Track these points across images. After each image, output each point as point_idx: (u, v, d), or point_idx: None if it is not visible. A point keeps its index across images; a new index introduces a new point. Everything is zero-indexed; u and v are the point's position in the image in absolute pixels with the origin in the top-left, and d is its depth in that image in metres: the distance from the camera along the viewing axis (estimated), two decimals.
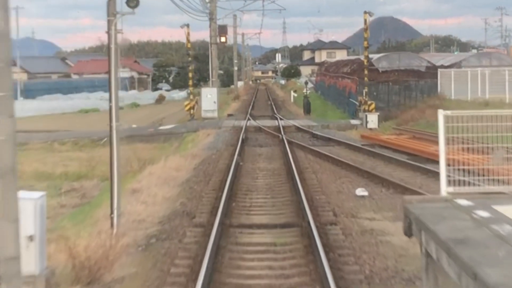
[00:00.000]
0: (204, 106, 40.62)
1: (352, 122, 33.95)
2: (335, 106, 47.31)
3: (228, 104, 60.93)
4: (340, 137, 28.33)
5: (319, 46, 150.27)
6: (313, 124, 34.00)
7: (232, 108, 53.09)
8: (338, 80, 47.26)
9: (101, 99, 77.34)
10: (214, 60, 42.30)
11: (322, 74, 65.05)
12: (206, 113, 40.65)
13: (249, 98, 74.67)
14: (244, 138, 27.94)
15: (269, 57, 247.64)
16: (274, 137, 28.98)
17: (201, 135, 31.25)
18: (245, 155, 23.64)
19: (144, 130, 34.88)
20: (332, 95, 50.88)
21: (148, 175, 20.23)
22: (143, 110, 57.22)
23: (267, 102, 64.76)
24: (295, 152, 23.75)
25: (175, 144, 31.78)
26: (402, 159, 21.26)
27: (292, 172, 18.46)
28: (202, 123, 36.47)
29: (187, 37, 38.19)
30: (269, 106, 55.65)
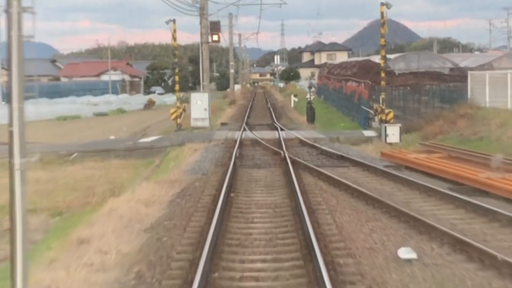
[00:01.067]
0: (194, 114, 35.54)
1: (366, 134, 28.85)
2: (342, 113, 42.27)
3: (223, 110, 55.86)
4: (354, 155, 23.23)
5: (318, 48, 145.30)
6: (320, 136, 28.90)
7: (226, 115, 48.00)
8: (345, 84, 42.21)
9: (87, 104, 72.29)
10: (205, 61, 37.21)
11: (325, 77, 59.96)
12: (196, 122, 35.58)
13: (246, 103, 69.61)
14: (238, 156, 22.83)
15: (267, 60, 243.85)
16: (275, 154, 23.87)
17: (187, 151, 26.14)
18: (238, 181, 18.52)
19: (122, 143, 29.74)
20: (338, 100, 45.84)
21: (108, 213, 15.10)
22: (129, 117, 52.19)
23: (266, 107, 59.67)
24: (301, 177, 18.68)
25: (156, 161, 26.71)
26: (443, 189, 16.14)
27: (300, 213, 13.40)
28: (190, 135, 31.38)
29: (173, 35, 33.10)
30: (268, 113, 50.56)
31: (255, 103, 69.82)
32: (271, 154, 24.18)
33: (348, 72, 44.19)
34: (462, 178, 17.15)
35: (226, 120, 41.77)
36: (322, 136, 28.76)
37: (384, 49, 28.14)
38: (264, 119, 43.05)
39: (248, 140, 28.25)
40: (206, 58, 37.35)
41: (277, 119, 41.28)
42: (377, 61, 39.02)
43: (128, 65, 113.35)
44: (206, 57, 37.34)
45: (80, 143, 30.78)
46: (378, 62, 37.09)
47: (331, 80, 53.67)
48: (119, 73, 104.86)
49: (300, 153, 24.13)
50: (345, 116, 40.53)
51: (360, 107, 35.00)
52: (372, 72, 33.98)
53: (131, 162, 27.02)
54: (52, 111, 61.65)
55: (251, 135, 29.78)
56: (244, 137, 28.94)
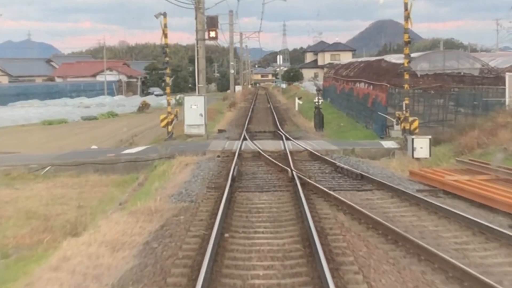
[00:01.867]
0: (188, 120, 31.57)
1: (385, 146, 24.85)
2: (353, 119, 38.27)
3: (222, 113, 51.90)
4: (377, 173, 19.23)
5: (322, 48, 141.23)
6: (332, 147, 24.90)
7: (225, 120, 44.00)
8: (356, 86, 38.21)
9: (78, 106, 68.36)
10: (201, 60, 33.24)
11: (332, 78, 55.92)
12: (190, 129, 31.61)
13: (247, 105, 65.63)
14: (235, 174, 18.82)
15: (268, 60, 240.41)
16: (280, 171, 19.85)
17: (177, 166, 22.15)
18: (235, 213, 14.54)
19: (104, 154, 25.74)
20: (347, 104, 41.85)
21: (57, 266, 11.17)
22: (119, 121, 48.17)
23: (268, 111, 55.65)
24: (315, 206, 14.71)
25: (140, 177, 22.75)
26: (505, 229, 12.16)
27: (321, 272, 9.45)
28: (182, 145, 27.39)
29: (163, 30, 29.13)
30: (271, 117, 46.57)
31: (257, 105, 65.84)
32: (275, 171, 20.18)
33: (359, 73, 40.22)
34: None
35: (225, 126, 37.79)
36: (335, 148, 24.76)
37: (409, 47, 24.02)
38: (267, 125, 39.08)
39: (248, 152, 24.25)
40: (202, 57, 33.38)
41: (281, 125, 37.30)
42: (393, 60, 34.95)
43: (125, 65, 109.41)
44: (203, 55, 33.36)
45: (57, 154, 26.78)
46: (395, 62, 33.06)
47: (339, 82, 49.69)
48: (115, 74, 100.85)
49: (311, 171, 20.13)
50: (356, 122, 36.54)
51: (375, 112, 31.04)
52: (389, 74, 30.03)
53: (111, 179, 23.08)
54: (40, 114, 57.67)
55: (252, 145, 25.79)
56: (244, 149, 24.94)
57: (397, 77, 30.45)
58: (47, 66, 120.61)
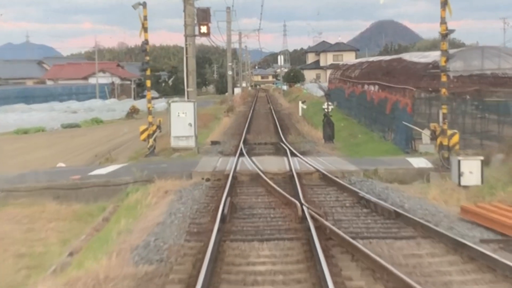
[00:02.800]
0: (175, 131, 26.75)
1: (415, 164, 20.00)
2: (367, 128, 33.45)
3: (218, 119, 47.07)
4: (415, 208, 14.40)
5: (324, 48, 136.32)
6: (349, 167, 20.06)
7: (221, 127, 39.17)
8: (370, 89, 33.39)
9: (65, 111, 63.55)
10: (190, 60, 28.41)
11: (339, 80, 51.08)
12: (177, 142, 26.79)
13: (246, 109, 60.80)
14: (226, 213, 13.94)
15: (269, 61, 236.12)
16: (286, 204, 15.00)
17: (153, 195, 17.33)
18: (222, 286, 9.72)
19: (68, 176, 20.90)
20: (359, 110, 37.01)
21: None
22: (103, 129, 43.19)
23: (269, 116, 50.81)
24: (341, 273, 9.90)
25: (108, 208, 17.94)
26: None
27: None
28: (164, 163, 22.54)
29: (142, 24, 24.33)
30: (272, 124, 41.74)
31: (257, 110, 60.97)
32: (280, 204, 15.34)
33: (372, 75, 35.43)
34: None
35: (219, 136, 32.98)
36: (353, 168, 19.91)
37: (447, 41, 19.13)
38: (268, 135, 34.26)
39: (245, 174, 19.40)
40: (192, 56, 28.57)
41: (284, 135, 32.48)
42: (414, 59, 30.10)
43: (119, 66, 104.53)
44: (192, 54, 28.56)
45: (12, 175, 21.96)
46: (418, 61, 28.21)
47: (347, 84, 44.89)
48: (108, 76, 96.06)
49: (327, 203, 15.30)
50: (371, 131, 31.72)
51: (396, 121, 26.26)
52: (413, 75, 25.25)
53: (73, 210, 18.28)
54: (21, 120, 52.82)
55: (251, 164, 20.94)
56: (240, 169, 20.10)
57: (421, 79, 25.68)
58: (39, 68, 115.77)
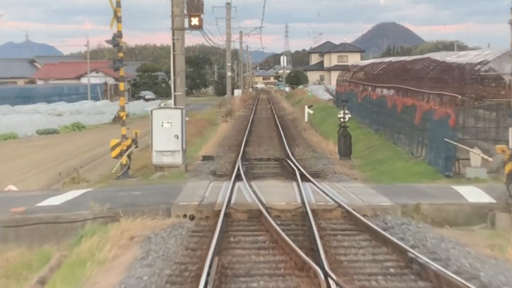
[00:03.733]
0: (157, 144, 21.78)
1: (468, 198, 14.99)
2: (388, 139, 28.42)
3: (215, 125, 42.12)
4: (497, 284, 9.46)
5: (328, 49, 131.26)
6: (380, 200, 15.02)
7: (217, 136, 34.19)
8: (391, 94, 28.38)
9: (50, 114, 58.52)
10: (178, 59, 23.41)
11: (349, 83, 46.07)
12: (161, 158, 21.83)
13: (246, 113, 55.80)
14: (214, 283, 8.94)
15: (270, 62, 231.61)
16: (302, 272, 9.96)
17: (112, 243, 12.30)
18: None
19: (10, 207, 15.86)
20: (377, 117, 31.98)
21: None
22: (82, 136, 38.03)
23: (272, 122, 45.82)
24: None
25: (53, 258, 12.93)
26: None
27: None
28: (138, 190, 17.48)
29: (115, 11, 19.34)
30: (276, 133, 36.72)
31: (258, 114, 55.93)
32: (292, 271, 10.32)
33: (392, 77, 30.44)
34: None
35: (214, 149, 27.98)
36: (385, 201, 14.88)
37: None
38: (271, 147, 29.25)
39: (242, 211, 14.38)
40: (180, 54, 23.60)
41: (290, 146, 27.49)
42: (448, 59, 25.06)
43: None
44: (181, 51, 23.59)
45: None
46: (459, 62, 23.19)
47: (360, 88, 39.91)
48: (101, 76, 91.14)
49: (362, 269, 10.30)
50: (394, 144, 26.71)
51: (428, 133, 21.31)
52: (456, 79, 20.30)
53: (7, 258, 13.32)
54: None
55: (250, 194, 15.93)
56: (236, 201, 15.08)
57: (461, 83, 20.73)
58: (31, 67, 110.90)
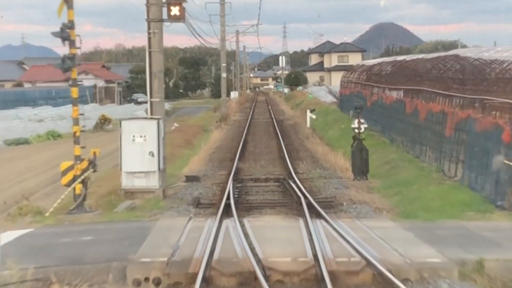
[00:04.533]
0: (127, 164, 17.34)
1: None
2: (406, 150, 23.92)
3: (207, 132, 37.78)
4: None
5: (328, 49, 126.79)
6: (424, 252, 10.64)
7: (207, 148, 29.74)
8: (415, 99, 23.91)
9: (30, 120, 54.16)
10: (155, 57, 18.98)
11: (357, 85, 41.63)
12: (132, 181, 17.41)
13: (243, 118, 51.44)
14: None
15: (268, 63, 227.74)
16: None
17: None
18: None
19: None
20: (392, 125, 27.50)
21: None
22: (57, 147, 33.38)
23: (270, 128, 41.42)
24: None
25: None
26: None
27: None
28: (91, 232, 13.01)
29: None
30: (274, 141, 32.34)
31: (256, 118, 51.56)
32: None
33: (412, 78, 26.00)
34: None
35: (201, 165, 23.42)
36: (433, 256, 10.45)
37: None
38: (270, 161, 24.76)
39: (230, 272, 9.96)
40: (158, 51, 19.16)
41: (292, 161, 23.08)
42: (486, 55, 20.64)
43: (104, 68, 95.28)
44: (159, 47, 19.14)
45: None
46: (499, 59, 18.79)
47: (369, 90, 35.50)
48: (91, 78, 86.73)
49: None
50: (416, 158, 22.25)
51: (464, 148, 16.95)
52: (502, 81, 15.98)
53: None
54: None
55: (241, 242, 11.51)
56: (221, 256, 10.67)
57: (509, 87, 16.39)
58: (18, 70, 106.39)
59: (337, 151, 27.18)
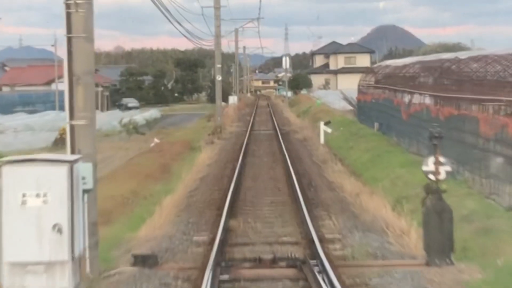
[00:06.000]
0: (11, 249, 9.17)
1: None
2: (488, 195, 15.57)
3: (195, 151, 29.57)
4: None
5: (334, 50, 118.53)
6: None
7: (189, 179, 21.31)
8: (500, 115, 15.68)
9: None
10: (79, 49, 10.78)
11: (384, 89, 33.12)
12: (22, 280, 9.17)
13: (240, 130, 43.19)
14: None
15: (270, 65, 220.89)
16: None
17: None
18: None
19: None
20: (458, 151, 19.02)
21: None
22: None
23: (274, 145, 33.07)
24: None
25: None
26: None
27: None
28: None
29: None
30: (281, 168, 23.95)
31: (256, 130, 43.26)
32: None
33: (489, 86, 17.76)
34: None
35: (169, 224, 14.82)
36: None
37: None
38: (277, 210, 16.31)
39: None
40: (84, 37, 10.91)
41: (312, 213, 14.85)
42: None
43: None
44: (85, 32, 10.90)
45: None
46: None
47: (405, 97, 27.16)
48: None
49: None
50: (493, 199, 14.05)
51: None
52: None
53: None
54: None
55: None
56: None
57: None
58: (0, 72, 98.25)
59: (371, 186, 18.96)
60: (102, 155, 27.67)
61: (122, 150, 31.62)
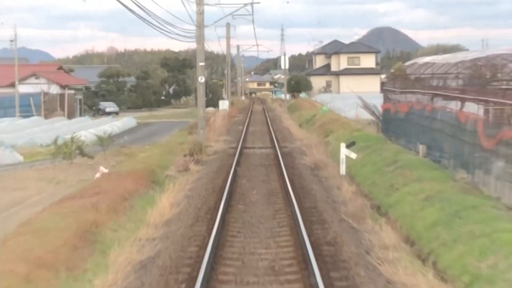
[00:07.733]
0: None
1: None
2: None
3: (156, 187, 19.37)
4: None
5: (336, 50, 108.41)
6: None
7: (132, 251, 11.23)
8: None
9: None
10: None
11: (437, 98, 22.96)
12: None
13: (228, 148, 33.17)
14: None
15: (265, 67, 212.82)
16: None
17: None
18: None
19: None
20: None
21: None
22: None
23: (273, 181, 22.85)
24: None
25: None
26: None
27: None
28: None
29: None
30: (287, 228, 13.90)
31: (250, 148, 33.10)
32: None
33: None
34: None
35: None
36: None
37: None
38: None
39: None
40: None
41: None
42: None
43: (61, 70, 76.90)
44: None
45: None
46: None
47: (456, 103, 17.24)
48: (43, 83, 68.37)
49: None
50: None
51: None
52: None
53: None
54: None
55: None
56: None
57: None
58: None
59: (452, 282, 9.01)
60: (13, 195, 17.83)
61: (52, 185, 21.62)
